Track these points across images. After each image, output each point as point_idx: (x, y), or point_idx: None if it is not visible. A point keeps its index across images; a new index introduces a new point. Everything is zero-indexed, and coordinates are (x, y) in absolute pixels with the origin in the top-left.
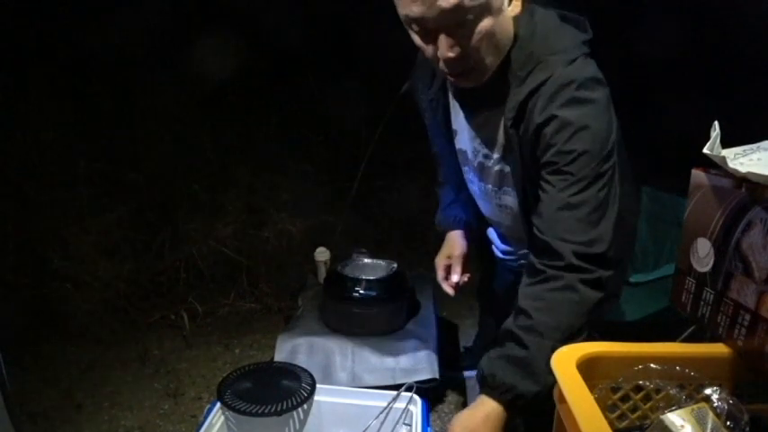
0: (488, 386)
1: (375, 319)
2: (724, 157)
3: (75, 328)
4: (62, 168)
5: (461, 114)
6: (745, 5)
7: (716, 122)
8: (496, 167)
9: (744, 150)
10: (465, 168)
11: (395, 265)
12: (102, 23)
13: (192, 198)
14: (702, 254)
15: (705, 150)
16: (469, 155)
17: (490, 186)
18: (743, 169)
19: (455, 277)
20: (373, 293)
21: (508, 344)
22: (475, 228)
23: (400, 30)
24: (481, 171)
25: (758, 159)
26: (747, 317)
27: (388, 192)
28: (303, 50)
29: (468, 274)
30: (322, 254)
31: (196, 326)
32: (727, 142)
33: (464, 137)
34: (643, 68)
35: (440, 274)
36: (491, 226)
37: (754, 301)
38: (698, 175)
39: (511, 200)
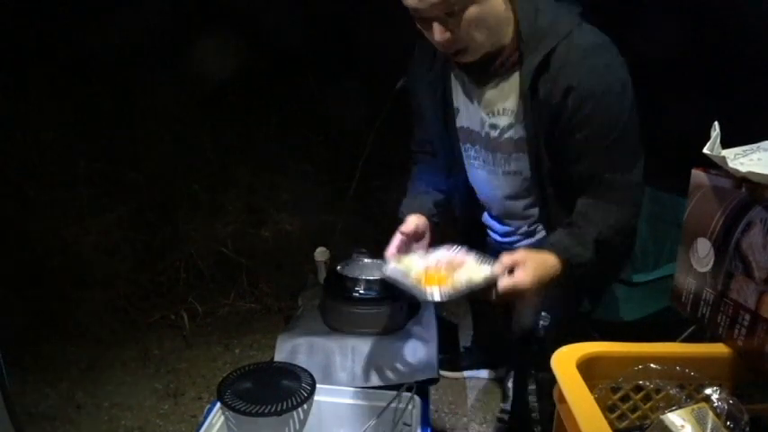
0: (552, 247)
1: (375, 319)
2: (724, 157)
3: (75, 328)
4: (62, 168)
5: (462, 93)
6: (745, 5)
7: (716, 122)
8: (507, 135)
9: (744, 150)
10: (466, 146)
11: None
12: (102, 23)
13: (192, 198)
14: (702, 254)
15: (705, 150)
16: (475, 128)
17: (499, 155)
18: (743, 169)
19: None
20: (373, 293)
21: (573, 227)
22: (443, 222)
23: (400, 30)
24: (488, 142)
25: (758, 159)
26: (747, 317)
27: (387, 191)
28: (303, 50)
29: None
30: (322, 254)
31: (196, 326)
32: (727, 142)
33: (467, 113)
34: (643, 68)
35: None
36: (486, 212)
37: (754, 301)
38: (698, 175)
39: (521, 164)
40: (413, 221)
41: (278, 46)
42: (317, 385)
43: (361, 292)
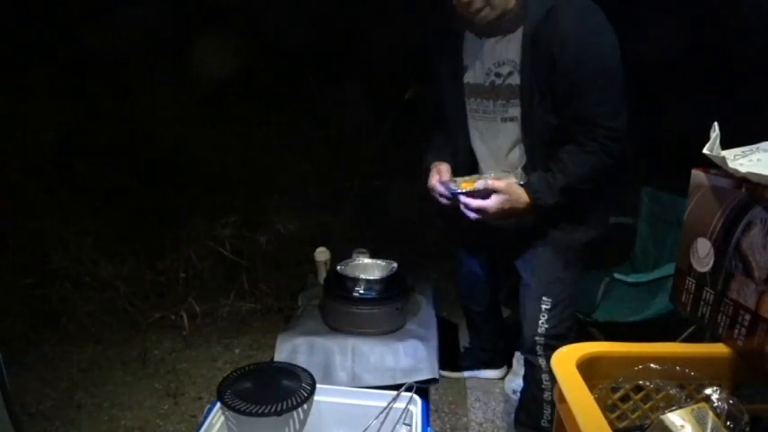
0: (529, 189)
1: (375, 318)
2: (724, 158)
3: (75, 328)
4: (62, 168)
5: (471, 50)
6: (745, 5)
7: (715, 123)
8: (507, 82)
9: (743, 152)
10: (470, 99)
11: (395, 265)
12: (102, 23)
13: (192, 198)
14: (702, 254)
15: (705, 151)
16: (480, 80)
17: (500, 102)
18: (743, 169)
19: (434, 178)
20: (373, 293)
21: (548, 173)
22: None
23: (400, 30)
24: (491, 90)
25: (758, 160)
26: (747, 317)
27: (387, 192)
28: (303, 50)
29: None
30: (322, 254)
31: (196, 326)
32: (727, 142)
33: (474, 69)
34: (643, 68)
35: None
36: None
37: (754, 301)
38: (698, 175)
39: (517, 111)
40: (444, 167)
41: (278, 46)
42: (317, 385)
43: (361, 292)
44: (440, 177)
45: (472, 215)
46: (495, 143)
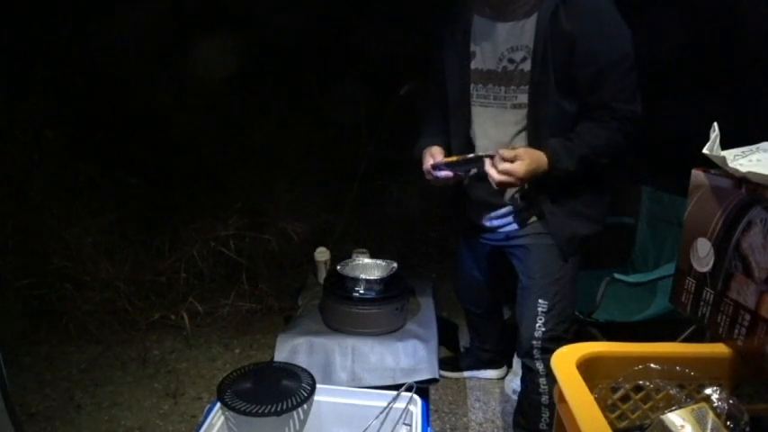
0: (547, 149)
1: (375, 319)
2: (724, 157)
3: (75, 328)
4: (62, 169)
5: (481, 36)
6: (745, 5)
7: (715, 123)
8: (519, 67)
9: (743, 152)
10: (478, 86)
11: (395, 265)
12: (102, 24)
13: (192, 198)
14: (702, 254)
15: (705, 151)
16: (491, 66)
17: (512, 87)
18: (743, 169)
19: (429, 161)
20: (373, 293)
21: (566, 140)
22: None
23: (400, 30)
24: (503, 76)
25: (758, 161)
26: (747, 317)
27: (388, 192)
28: (303, 50)
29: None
30: (322, 254)
31: (196, 326)
32: (727, 142)
33: (485, 54)
34: (643, 69)
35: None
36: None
37: (754, 301)
38: (698, 175)
39: (525, 96)
40: (437, 150)
41: (278, 46)
42: (317, 385)
43: (361, 292)
44: (433, 160)
45: (499, 178)
46: (500, 130)
